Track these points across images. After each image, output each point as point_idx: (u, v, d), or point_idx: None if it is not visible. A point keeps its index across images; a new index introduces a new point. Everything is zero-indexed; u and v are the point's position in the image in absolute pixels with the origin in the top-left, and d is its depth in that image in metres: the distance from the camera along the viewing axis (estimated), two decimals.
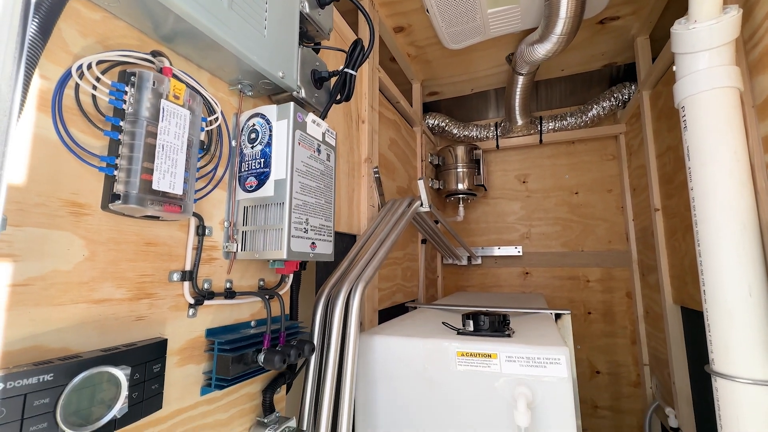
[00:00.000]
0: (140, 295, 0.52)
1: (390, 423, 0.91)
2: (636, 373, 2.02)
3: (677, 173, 1.40)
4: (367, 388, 0.95)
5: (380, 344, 0.95)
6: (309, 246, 0.69)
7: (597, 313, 2.12)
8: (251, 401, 0.70)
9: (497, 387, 0.82)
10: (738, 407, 0.80)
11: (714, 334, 0.86)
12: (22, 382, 0.37)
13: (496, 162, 2.43)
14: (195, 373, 0.59)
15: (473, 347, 0.85)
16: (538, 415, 0.77)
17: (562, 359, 0.77)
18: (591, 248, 2.17)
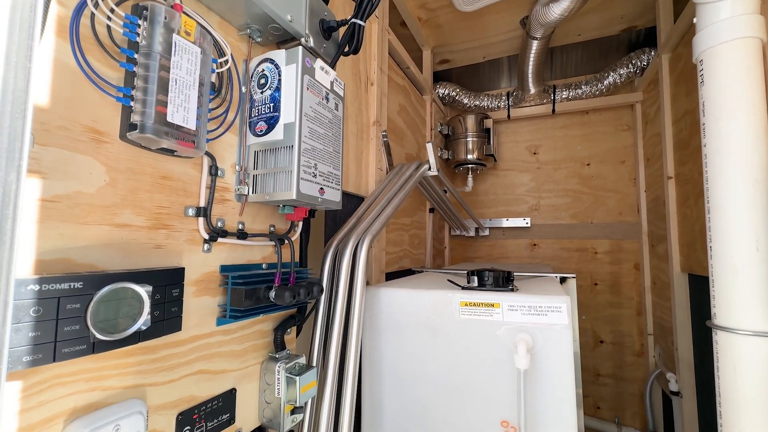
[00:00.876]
0: (158, 225, 0.55)
1: (395, 370, 0.96)
2: (640, 342, 2.04)
3: (693, 138, 1.37)
4: (373, 338, 0.99)
5: (386, 296, 0.98)
6: (317, 191, 0.71)
7: (604, 284, 2.13)
8: (263, 338, 0.74)
9: (499, 335, 0.84)
10: (736, 358, 0.81)
11: (717, 289, 0.86)
12: (56, 286, 0.41)
13: (507, 133, 2.40)
14: (211, 304, 0.63)
15: (476, 297, 0.87)
16: (537, 360, 0.80)
17: (563, 307, 0.79)
18: (601, 220, 2.15)
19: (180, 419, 0.57)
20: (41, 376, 0.42)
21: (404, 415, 0.93)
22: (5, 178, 0.27)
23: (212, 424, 0.62)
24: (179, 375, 0.57)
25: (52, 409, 0.42)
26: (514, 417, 0.82)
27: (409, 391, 0.93)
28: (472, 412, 0.87)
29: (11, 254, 0.27)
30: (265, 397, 0.72)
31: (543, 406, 0.79)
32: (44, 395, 0.42)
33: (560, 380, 0.79)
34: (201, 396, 0.61)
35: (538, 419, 0.80)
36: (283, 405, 0.70)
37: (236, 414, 0.67)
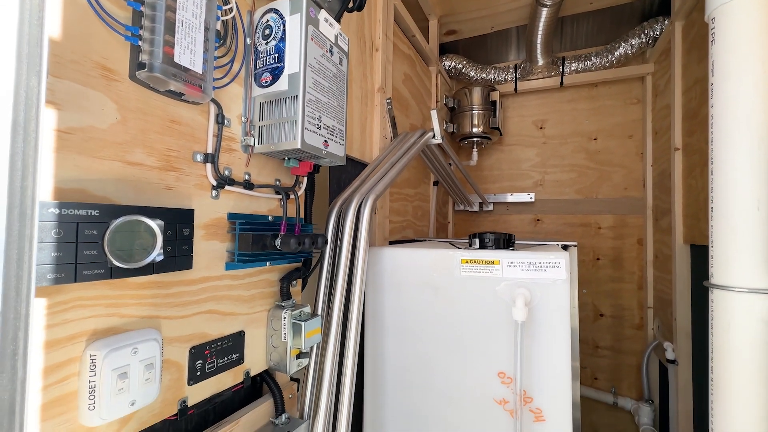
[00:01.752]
0: (168, 167, 0.57)
1: (397, 326, 0.99)
2: (640, 316, 2.06)
3: (702, 107, 1.35)
4: (376, 296, 1.02)
5: (389, 256, 1.01)
6: (322, 143, 0.72)
7: (606, 259, 2.14)
8: (270, 287, 0.77)
9: (498, 291, 0.87)
10: (731, 315, 0.83)
11: (716, 250, 0.87)
12: (75, 212, 0.43)
13: (514, 107, 2.37)
14: (219, 249, 0.65)
15: (477, 255, 0.89)
16: (535, 314, 0.82)
17: (561, 263, 0.81)
18: (606, 195, 2.15)
19: (192, 352, 0.60)
20: (64, 297, 0.45)
21: (405, 367, 0.97)
22: (27, 82, 0.28)
23: (222, 362, 0.66)
24: (191, 312, 0.60)
25: (75, 328, 0.46)
26: (510, 368, 0.86)
27: (411, 345, 0.97)
28: (470, 365, 0.90)
29: (36, 153, 0.29)
30: (272, 342, 0.75)
31: (538, 357, 0.82)
32: (67, 315, 0.45)
33: (556, 333, 0.81)
34: (212, 334, 0.64)
35: (533, 370, 0.83)
36: (289, 349, 0.74)
37: (245, 355, 0.71)
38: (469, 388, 0.89)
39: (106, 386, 0.46)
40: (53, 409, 0.44)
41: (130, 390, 0.49)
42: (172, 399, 0.58)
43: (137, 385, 0.49)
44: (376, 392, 1.00)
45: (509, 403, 0.85)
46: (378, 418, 0.99)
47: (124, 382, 0.48)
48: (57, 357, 0.44)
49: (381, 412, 0.99)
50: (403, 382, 0.97)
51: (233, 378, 0.69)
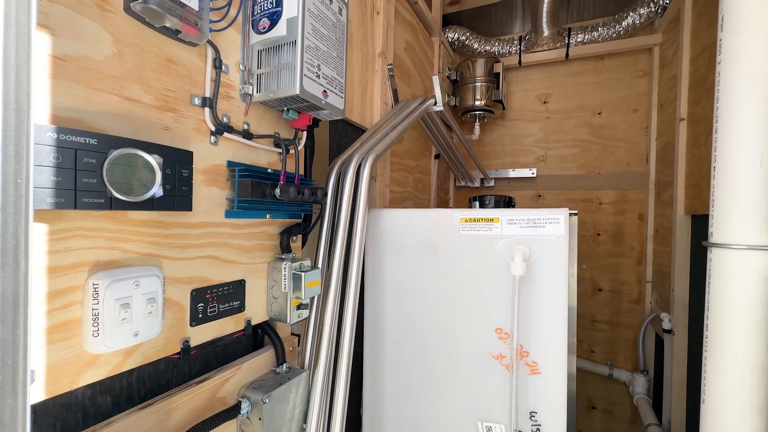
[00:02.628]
0: (165, 107, 0.56)
1: (396, 286, 1.00)
2: (638, 290, 2.08)
3: (709, 74, 1.32)
4: (375, 257, 1.02)
5: (388, 217, 1.01)
6: (321, 92, 0.71)
7: (606, 234, 2.15)
8: (270, 240, 0.78)
9: (497, 248, 0.87)
10: (729, 272, 0.83)
11: (717, 208, 0.87)
12: (72, 138, 0.43)
13: (517, 81, 2.33)
14: (219, 196, 0.66)
15: (476, 214, 0.90)
16: (533, 270, 0.83)
17: (561, 218, 0.81)
18: (608, 170, 2.13)
19: (194, 295, 0.61)
20: (65, 225, 0.45)
21: (404, 325, 0.98)
22: None
23: (224, 307, 0.67)
24: (192, 255, 0.61)
25: (77, 257, 0.46)
26: (507, 324, 0.87)
27: (410, 304, 0.98)
28: (468, 322, 0.91)
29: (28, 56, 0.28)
30: (273, 293, 0.77)
31: (537, 312, 0.83)
32: (69, 243, 0.45)
33: (553, 288, 0.82)
34: (213, 279, 0.65)
35: (530, 325, 0.84)
36: (290, 299, 0.75)
37: (246, 304, 0.72)
38: (467, 344, 0.91)
39: (109, 315, 0.47)
40: (58, 333, 0.45)
41: (133, 321, 0.50)
42: (175, 338, 0.59)
43: (140, 318, 0.50)
44: (375, 349, 1.02)
45: (506, 357, 0.87)
46: (377, 372, 1.01)
47: (127, 312, 0.49)
48: (60, 283, 0.45)
49: (380, 368, 1.01)
50: (402, 339, 0.99)
51: (235, 324, 0.70)
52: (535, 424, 0.84)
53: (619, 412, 2.14)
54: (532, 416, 0.84)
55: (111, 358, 0.50)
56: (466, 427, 0.91)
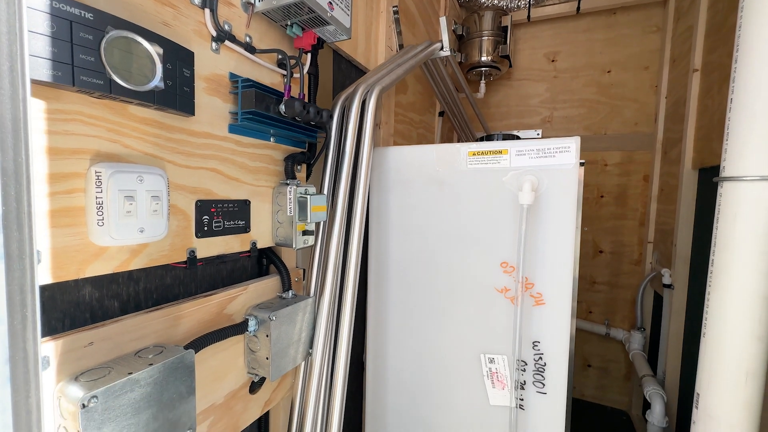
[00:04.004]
0: (163, 1, 0.53)
1: (401, 224, 0.99)
2: (639, 252, 2.09)
3: (728, 17, 1.27)
4: (380, 195, 1.01)
5: (394, 154, 0.99)
6: (327, 4, 0.67)
7: (610, 196, 2.13)
8: (274, 165, 0.76)
9: (505, 181, 0.86)
10: (739, 205, 0.82)
11: (731, 141, 0.85)
12: (67, 8, 0.40)
13: (525, 39, 2.25)
14: (221, 108, 0.63)
15: (485, 146, 0.88)
16: (541, 200, 0.82)
17: (572, 147, 0.79)
18: (615, 131, 2.09)
19: (199, 206, 0.60)
20: (64, 106, 0.43)
21: (409, 261, 0.98)
22: None
23: (229, 224, 0.66)
24: (195, 164, 0.59)
25: (77, 142, 0.45)
26: (512, 258, 0.87)
27: (415, 241, 0.98)
28: (474, 257, 0.91)
29: None
30: (278, 218, 0.76)
31: (543, 243, 0.83)
32: (68, 126, 0.44)
33: (561, 219, 0.81)
34: (217, 194, 0.64)
35: (536, 256, 0.84)
36: (295, 224, 0.74)
37: (251, 225, 0.71)
38: (471, 279, 0.91)
39: (114, 205, 0.46)
40: (62, 218, 0.44)
41: (138, 216, 0.49)
42: (181, 246, 0.58)
43: (145, 214, 0.49)
44: (379, 287, 1.03)
45: (510, 290, 0.87)
46: (381, 307, 1.02)
47: (131, 205, 0.48)
48: (61, 166, 0.43)
49: (383, 306, 1.02)
50: (406, 277, 0.99)
51: (240, 244, 0.69)
52: (538, 353, 0.85)
53: (614, 370, 2.19)
54: (535, 346, 0.85)
55: (117, 254, 0.50)
56: (468, 360, 0.93)
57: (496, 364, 0.90)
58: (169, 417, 0.50)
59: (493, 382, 0.90)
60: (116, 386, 0.43)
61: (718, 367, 0.85)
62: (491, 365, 0.90)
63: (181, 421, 0.52)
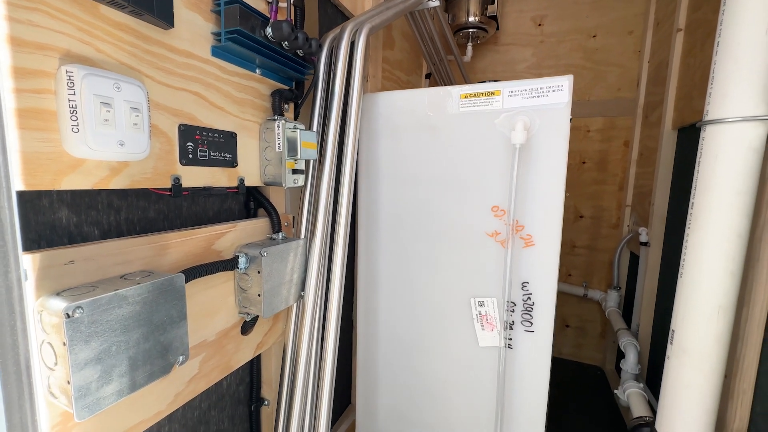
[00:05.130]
0: None
1: (392, 172, 0.98)
2: (617, 216, 2.16)
3: None
4: (370, 144, 0.99)
5: (384, 100, 0.96)
6: None
7: (591, 162, 2.18)
8: (261, 99, 0.73)
9: (497, 123, 0.85)
10: (720, 146, 0.85)
11: (715, 85, 0.86)
12: None
13: (513, 2, 2.21)
14: (203, 26, 0.59)
15: (477, 88, 0.86)
16: (533, 141, 0.82)
17: (564, 85, 0.79)
18: (598, 96, 2.12)
19: (182, 130, 0.57)
20: None
21: (400, 210, 0.98)
22: None
23: (215, 155, 0.63)
24: (176, 84, 0.56)
25: (43, 36, 0.40)
26: (503, 201, 0.87)
27: (406, 189, 0.97)
28: (464, 202, 0.91)
29: None
30: (266, 155, 0.73)
31: (533, 184, 0.83)
32: (32, 16, 0.39)
33: (552, 159, 0.81)
34: (202, 121, 0.60)
35: (526, 198, 0.84)
36: (284, 161, 0.71)
37: (238, 159, 0.68)
38: (462, 224, 0.92)
39: (89, 110, 0.42)
40: (31, 119, 0.40)
41: (117, 126, 0.45)
42: (165, 171, 0.55)
43: (124, 125, 0.46)
44: (369, 238, 1.02)
45: (501, 234, 0.88)
46: (371, 258, 1.02)
47: (109, 113, 0.44)
48: (26, 61, 0.39)
49: (374, 256, 1.02)
50: (397, 225, 0.99)
51: (227, 178, 0.66)
52: (527, 293, 0.87)
53: (590, 329, 2.30)
54: (524, 286, 0.87)
55: (96, 169, 0.46)
56: (459, 305, 0.94)
57: (486, 307, 0.92)
58: (161, 340, 0.48)
59: (483, 325, 0.92)
60: (103, 300, 0.41)
61: (693, 304, 0.90)
62: (481, 308, 0.92)
63: (173, 345, 0.50)
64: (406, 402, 1.05)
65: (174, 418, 0.68)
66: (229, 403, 0.82)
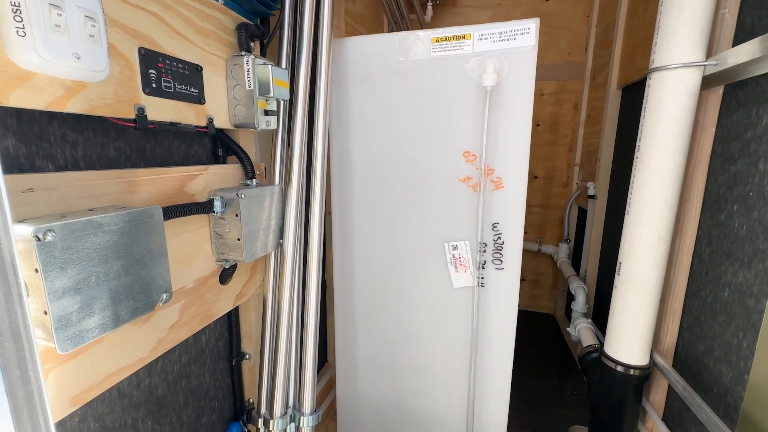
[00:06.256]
0: None
1: (363, 120, 0.97)
2: (567, 175, 2.32)
3: None
4: (340, 92, 0.96)
5: (354, 45, 0.93)
6: None
7: (545, 125, 2.30)
8: (225, 33, 0.67)
9: (468, 68, 0.86)
10: (663, 92, 0.93)
11: (660, 35, 0.93)
12: None
13: None
14: None
15: (448, 32, 0.86)
16: (502, 84, 0.84)
17: (531, 28, 0.81)
18: (551, 61, 2.21)
19: (143, 54, 0.51)
20: None
21: (373, 161, 0.98)
22: None
23: (181, 88, 0.58)
24: (133, 1, 0.50)
25: None
26: (475, 147, 0.90)
27: (378, 139, 0.96)
28: (437, 149, 0.93)
29: None
30: (235, 93, 0.68)
31: (503, 128, 0.87)
32: None
33: (520, 101, 0.85)
34: (163, 47, 0.55)
35: (497, 143, 0.88)
36: (256, 99, 0.67)
37: (205, 96, 0.63)
38: (435, 171, 0.94)
39: (36, 9, 0.37)
40: None
41: (71, 35, 0.40)
42: (127, 99, 0.50)
43: (79, 36, 0.41)
44: (342, 190, 1.01)
45: (472, 178, 0.92)
46: (345, 210, 1.02)
47: (61, 17, 0.39)
48: None
49: (348, 208, 1.02)
50: (370, 176, 0.99)
51: (195, 115, 0.62)
52: (497, 233, 0.92)
53: (544, 281, 2.51)
54: (494, 227, 0.92)
55: (49, 86, 0.41)
56: (433, 250, 0.98)
57: (459, 250, 0.96)
58: (143, 275, 0.46)
59: (456, 267, 0.97)
60: (76, 225, 0.38)
61: (638, 235, 1.01)
62: (454, 252, 0.96)
63: (155, 282, 0.48)
64: (385, 349, 1.09)
65: (154, 371, 0.66)
66: (209, 357, 0.81)
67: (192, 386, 0.76)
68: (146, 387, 0.64)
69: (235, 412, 0.90)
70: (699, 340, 1.03)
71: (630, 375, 1.06)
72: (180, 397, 0.73)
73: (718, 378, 0.94)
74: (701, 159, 1.04)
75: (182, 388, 0.73)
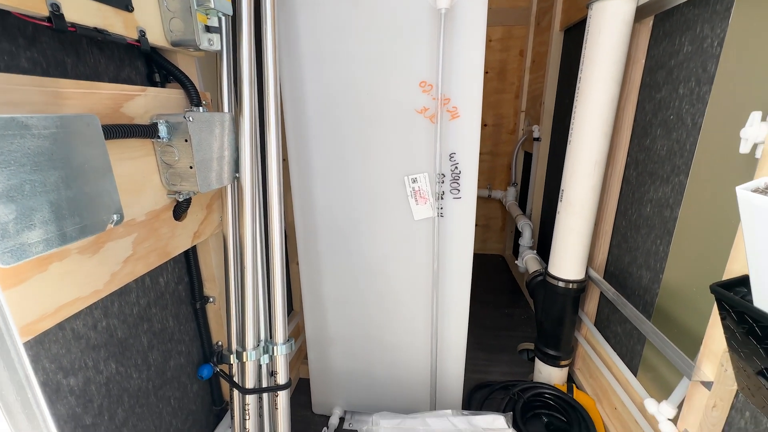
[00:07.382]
0: None
1: (315, 51, 0.91)
2: (514, 122, 2.42)
3: None
4: (288, 18, 0.89)
5: None
6: None
7: (493, 72, 2.34)
8: None
9: None
10: (602, 22, 0.98)
11: None
12: None
13: None
14: None
15: None
16: (455, 12, 0.83)
17: None
18: (498, 5, 2.21)
19: None
20: None
21: (327, 92, 0.94)
22: None
23: None
24: None
25: None
26: (432, 76, 0.90)
27: (331, 70, 0.92)
28: (393, 80, 0.91)
29: None
30: (168, 4, 0.60)
31: (456, 57, 0.87)
32: None
33: (474, 29, 0.85)
34: None
35: (452, 72, 0.88)
36: (194, 10, 0.60)
37: (133, 3, 0.55)
38: (392, 103, 0.93)
39: None
40: None
41: None
42: None
43: None
44: (297, 125, 0.97)
45: (429, 109, 0.92)
46: (300, 141, 0.99)
47: None
48: None
49: (304, 141, 0.98)
50: (325, 110, 0.95)
51: (124, 25, 0.54)
52: (454, 163, 0.96)
53: (494, 225, 2.68)
54: (451, 157, 0.95)
55: None
56: (393, 185, 0.99)
57: (419, 183, 0.98)
58: (87, 191, 0.41)
59: (416, 200, 1.00)
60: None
61: (577, 162, 1.10)
62: (414, 185, 0.99)
63: (103, 200, 0.44)
64: (353, 287, 1.11)
65: (111, 312, 0.62)
66: (170, 301, 0.78)
67: (155, 329, 0.73)
68: (104, 328, 0.61)
69: (204, 354, 0.89)
70: (625, 253, 1.18)
71: (569, 288, 1.20)
72: (143, 339, 0.70)
73: (639, 281, 1.09)
74: (632, 90, 1.13)
75: (144, 330, 0.71)
